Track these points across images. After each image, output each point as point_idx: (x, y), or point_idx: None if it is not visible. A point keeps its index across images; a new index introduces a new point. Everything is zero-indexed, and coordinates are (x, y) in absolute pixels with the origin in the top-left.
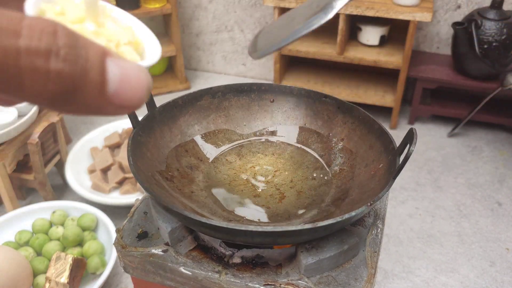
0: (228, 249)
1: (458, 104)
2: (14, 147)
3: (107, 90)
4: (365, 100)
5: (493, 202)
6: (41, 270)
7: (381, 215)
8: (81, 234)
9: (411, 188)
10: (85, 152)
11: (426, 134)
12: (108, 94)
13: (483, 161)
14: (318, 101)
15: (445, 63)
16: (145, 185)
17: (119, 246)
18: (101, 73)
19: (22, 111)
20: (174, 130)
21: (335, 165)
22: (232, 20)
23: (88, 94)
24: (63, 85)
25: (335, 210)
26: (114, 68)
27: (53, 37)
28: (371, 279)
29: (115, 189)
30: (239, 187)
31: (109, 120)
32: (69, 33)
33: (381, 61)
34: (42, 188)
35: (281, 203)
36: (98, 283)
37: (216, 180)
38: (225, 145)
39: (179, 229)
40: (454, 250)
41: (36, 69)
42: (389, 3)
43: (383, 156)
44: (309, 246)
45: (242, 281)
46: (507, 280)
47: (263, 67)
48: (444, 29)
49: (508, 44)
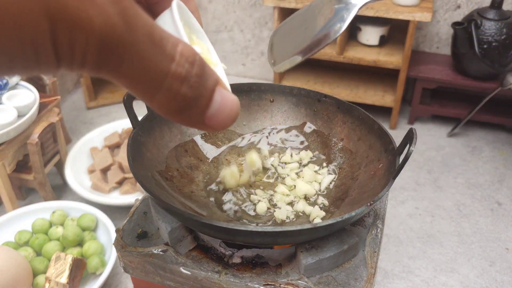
0: (228, 249)
1: (458, 104)
2: (14, 147)
3: (207, 113)
4: (365, 100)
5: (493, 202)
6: (41, 270)
7: (381, 215)
8: (81, 234)
9: (411, 188)
10: (85, 152)
11: (426, 134)
12: (206, 116)
13: (483, 161)
14: (317, 101)
15: (445, 63)
16: (145, 185)
17: (119, 246)
18: (209, 99)
19: (21, 111)
20: (174, 130)
21: (335, 165)
22: (232, 20)
23: (193, 113)
24: (181, 104)
25: (335, 210)
26: (219, 97)
27: (191, 67)
28: (371, 279)
29: (115, 189)
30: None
31: (108, 120)
32: (201, 63)
33: (380, 61)
34: (42, 188)
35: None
36: (98, 283)
37: (216, 180)
38: (225, 145)
39: (178, 229)
40: (454, 250)
41: (170, 89)
42: (389, 3)
43: (383, 156)
44: (309, 246)
45: (242, 281)
46: (507, 280)
47: (263, 67)
48: (443, 29)
49: (507, 44)
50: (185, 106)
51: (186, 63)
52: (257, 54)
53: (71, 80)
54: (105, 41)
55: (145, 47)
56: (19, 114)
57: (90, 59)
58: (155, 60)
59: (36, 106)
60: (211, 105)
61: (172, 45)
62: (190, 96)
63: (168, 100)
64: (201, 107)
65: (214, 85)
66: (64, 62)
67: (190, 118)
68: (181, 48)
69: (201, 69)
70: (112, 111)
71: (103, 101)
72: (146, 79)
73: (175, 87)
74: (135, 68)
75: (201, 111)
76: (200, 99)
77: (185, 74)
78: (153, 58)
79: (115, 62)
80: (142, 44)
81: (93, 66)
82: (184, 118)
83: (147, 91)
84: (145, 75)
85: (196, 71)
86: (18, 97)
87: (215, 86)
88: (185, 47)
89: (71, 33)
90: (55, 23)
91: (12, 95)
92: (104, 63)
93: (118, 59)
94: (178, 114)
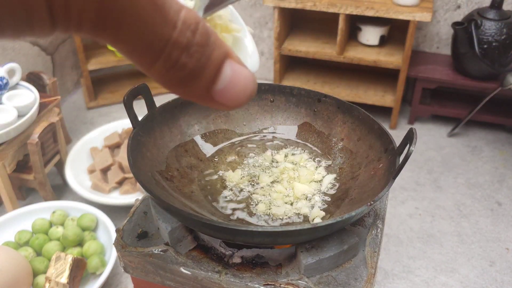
0: (228, 249)
1: (458, 104)
2: (14, 147)
3: (215, 87)
4: (365, 100)
5: (493, 202)
6: (41, 270)
7: (381, 215)
8: (81, 234)
9: (411, 188)
10: (85, 152)
11: (426, 134)
12: (214, 90)
13: (483, 161)
14: (318, 101)
15: (445, 63)
16: (145, 185)
17: (119, 246)
18: (216, 72)
19: (21, 111)
20: (174, 130)
21: (334, 165)
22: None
23: (197, 86)
24: (182, 73)
25: (335, 210)
26: (228, 70)
27: (193, 35)
28: (371, 279)
29: (115, 189)
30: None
31: (108, 120)
32: (205, 32)
33: (381, 61)
34: (42, 188)
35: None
36: (98, 283)
37: (216, 180)
38: (225, 145)
39: (179, 229)
40: (454, 250)
41: (170, 58)
42: (389, 3)
43: (383, 156)
44: (309, 246)
45: (242, 281)
46: (507, 280)
47: (263, 67)
48: (444, 29)
49: (507, 44)
50: (186, 77)
51: (188, 30)
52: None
53: (71, 80)
54: (104, 2)
55: (146, 11)
56: (19, 114)
57: (87, 21)
58: (156, 26)
59: (36, 106)
60: (220, 79)
61: (175, 11)
62: (191, 66)
63: (167, 70)
64: (205, 80)
65: (222, 57)
66: (59, 24)
67: (194, 91)
68: (184, 15)
69: (205, 38)
70: (112, 111)
71: (103, 101)
72: (145, 45)
73: (175, 56)
74: (134, 33)
75: (205, 84)
76: (204, 70)
77: (186, 43)
78: (154, 23)
79: (114, 25)
80: (143, 8)
81: (90, 29)
82: (187, 91)
83: (146, 58)
84: (145, 41)
85: (198, 40)
86: (18, 97)
87: (224, 58)
88: (188, 13)
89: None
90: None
91: (12, 95)
92: (102, 26)
93: (117, 22)
94: (180, 87)
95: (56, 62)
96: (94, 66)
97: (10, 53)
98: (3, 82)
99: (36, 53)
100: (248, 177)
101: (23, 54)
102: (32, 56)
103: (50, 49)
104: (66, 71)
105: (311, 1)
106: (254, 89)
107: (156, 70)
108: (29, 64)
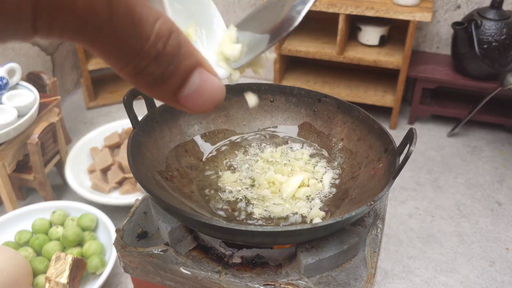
0: (228, 249)
1: (458, 104)
2: (14, 147)
3: (181, 93)
4: (365, 100)
5: (493, 202)
6: (41, 270)
7: (381, 215)
8: (81, 234)
9: (411, 188)
10: (85, 152)
11: (426, 134)
12: (180, 96)
13: (483, 161)
14: (318, 101)
15: (445, 63)
16: (145, 185)
17: (119, 246)
18: (183, 80)
19: (21, 111)
20: (174, 130)
21: (334, 165)
22: (232, 20)
23: (164, 90)
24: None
25: (335, 210)
26: (197, 79)
27: (164, 46)
28: (371, 279)
29: (115, 189)
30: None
31: (108, 120)
32: (176, 43)
33: (381, 61)
34: (42, 188)
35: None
36: (98, 283)
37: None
38: (225, 144)
39: (179, 229)
40: (454, 250)
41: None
42: (389, 3)
43: (383, 156)
44: (309, 246)
45: (242, 281)
46: (507, 280)
47: None
48: (444, 29)
49: (507, 44)
50: (153, 83)
51: (160, 42)
52: None
53: (71, 80)
54: (85, 22)
55: (123, 27)
56: (19, 114)
57: (66, 35)
58: (130, 39)
59: (36, 106)
60: (187, 86)
61: (150, 24)
62: (158, 74)
63: (135, 75)
64: (172, 86)
65: (192, 66)
66: (40, 34)
67: (160, 95)
68: (158, 27)
69: (175, 49)
70: (112, 111)
71: (103, 101)
72: (117, 53)
73: (143, 64)
74: (109, 44)
75: (172, 89)
76: (171, 78)
77: (156, 54)
78: (128, 37)
79: (91, 37)
80: (121, 25)
81: (68, 39)
82: (154, 94)
83: (117, 63)
84: (118, 50)
85: (168, 51)
86: (18, 97)
87: (194, 68)
88: (162, 25)
89: (53, 11)
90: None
91: (12, 95)
92: (79, 38)
93: (94, 35)
94: (147, 89)
95: (56, 62)
96: (94, 66)
97: (10, 53)
98: (3, 82)
99: (36, 53)
100: (248, 176)
101: (23, 54)
102: (32, 56)
103: (50, 49)
104: (66, 71)
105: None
106: (220, 97)
107: (125, 74)
108: (29, 64)
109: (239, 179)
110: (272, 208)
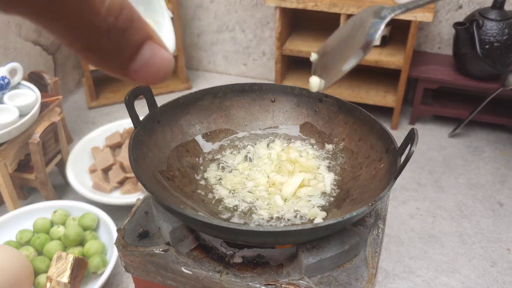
0: (229, 249)
1: (460, 104)
2: (16, 146)
3: (132, 66)
4: (366, 100)
5: (494, 202)
6: (42, 269)
7: (382, 215)
8: (82, 234)
9: (412, 189)
10: (86, 152)
11: (427, 135)
12: (130, 69)
13: (485, 162)
14: (319, 101)
15: (447, 63)
16: (146, 185)
17: (120, 245)
18: (133, 53)
19: (23, 110)
20: (175, 129)
21: (336, 165)
22: (234, 20)
23: (115, 64)
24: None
25: (336, 210)
26: (146, 52)
27: (115, 20)
28: (372, 279)
29: (116, 188)
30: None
31: (110, 120)
32: (128, 17)
33: (382, 61)
34: (43, 187)
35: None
36: (99, 282)
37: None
38: (226, 144)
39: (180, 229)
40: (455, 251)
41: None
42: (390, 3)
43: (384, 156)
44: (310, 246)
45: (243, 281)
46: (508, 280)
47: (264, 68)
48: (445, 29)
49: (509, 44)
50: (104, 57)
51: (111, 16)
52: (259, 54)
53: (73, 79)
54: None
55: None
56: (20, 113)
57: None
58: (80, 13)
59: (37, 105)
60: (136, 59)
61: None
62: (108, 48)
63: (85, 49)
64: (121, 60)
65: (142, 39)
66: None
67: (111, 68)
68: (109, 1)
69: (127, 23)
70: (114, 111)
71: (105, 101)
72: (67, 27)
73: (94, 39)
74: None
75: (122, 63)
76: (122, 51)
77: (107, 28)
78: (78, 11)
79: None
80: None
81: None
82: (105, 68)
83: (66, 37)
84: (67, 23)
85: (121, 24)
86: (20, 96)
87: (144, 41)
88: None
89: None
90: None
91: (14, 95)
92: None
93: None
94: (98, 64)
95: (57, 61)
96: None
97: (11, 53)
98: (5, 81)
99: (37, 53)
100: (248, 177)
101: (25, 53)
102: (33, 56)
103: (52, 48)
104: (68, 71)
105: (313, 1)
106: (168, 70)
107: (75, 48)
108: (31, 63)
109: (240, 179)
110: (273, 208)
